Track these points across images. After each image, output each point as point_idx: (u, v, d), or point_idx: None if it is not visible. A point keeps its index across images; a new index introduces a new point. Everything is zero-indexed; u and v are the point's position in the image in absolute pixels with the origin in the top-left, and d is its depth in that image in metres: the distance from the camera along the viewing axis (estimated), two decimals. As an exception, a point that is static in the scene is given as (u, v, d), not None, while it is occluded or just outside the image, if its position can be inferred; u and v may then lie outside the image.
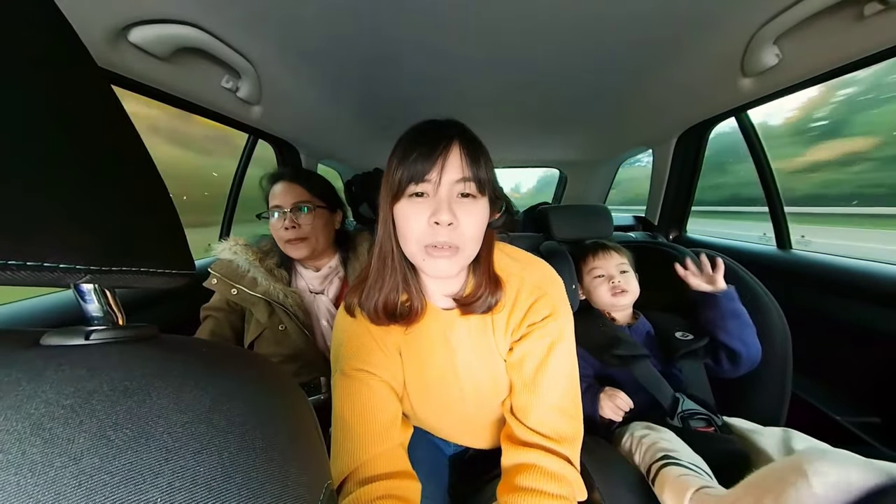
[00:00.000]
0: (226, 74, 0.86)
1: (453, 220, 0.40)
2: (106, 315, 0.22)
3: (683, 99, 1.11)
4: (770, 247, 1.13)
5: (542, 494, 0.42)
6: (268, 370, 0.24)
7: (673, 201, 1.44)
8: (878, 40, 0.61)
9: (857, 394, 0.85)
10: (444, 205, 0.40)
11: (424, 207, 0.41)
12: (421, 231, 0.41)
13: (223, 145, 1.58)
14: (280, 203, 0.78)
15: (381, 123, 1.42)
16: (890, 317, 0.77)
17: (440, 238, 0.41)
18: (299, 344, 0.81)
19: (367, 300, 0.49)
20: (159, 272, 0.22)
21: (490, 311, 0.49)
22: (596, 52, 0.89)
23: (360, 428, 0.47)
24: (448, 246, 0.42)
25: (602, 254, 0.87)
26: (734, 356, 0.72)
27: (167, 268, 0.22)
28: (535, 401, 0.47)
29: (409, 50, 0.89)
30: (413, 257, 0.45)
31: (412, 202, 0.42)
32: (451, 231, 0.41)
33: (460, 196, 0.42)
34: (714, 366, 0.76)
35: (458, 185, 0.41)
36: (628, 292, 0.81)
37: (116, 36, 0.61)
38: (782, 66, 0.76)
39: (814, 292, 0.92)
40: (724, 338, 0.72)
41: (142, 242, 0.21)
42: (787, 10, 0.64)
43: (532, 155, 2.17)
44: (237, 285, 0.79)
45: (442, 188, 0.41)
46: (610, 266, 0.85)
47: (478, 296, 0.48)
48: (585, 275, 0.88)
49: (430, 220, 0.40)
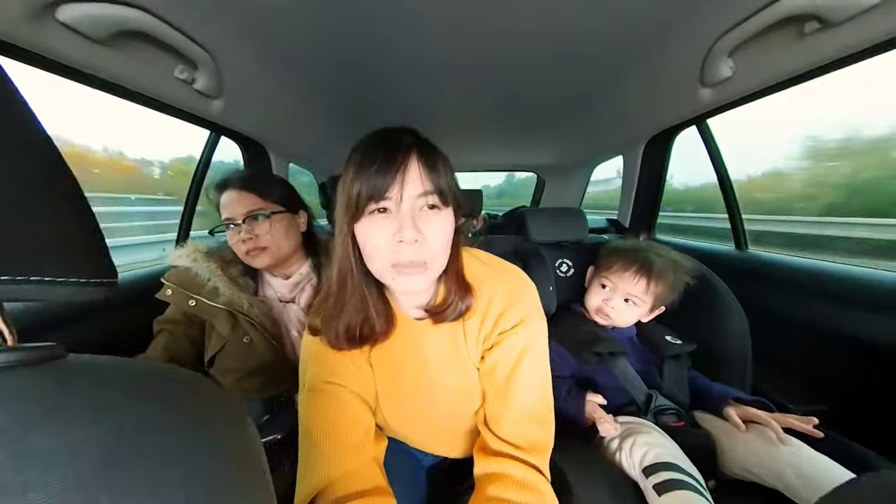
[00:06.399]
0: (179, 64, 0.78)
1: (419, 236, 0.39)
2: None
3: (649, 107, 1.16)
4: (729, 247, 1.21)
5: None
6: (203, 391, 0.21)
7: (642, 205, 1.51)
8: (818, 56, 0.66)
9: (806, 383, 0.92)
10: (407, 221, 0.38)
11: (387, 224, 0.39)
12: (386, 249, 0.40)
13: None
14: (231, 215, 0.71)
15: (354, 123, 1.37)
16: (834, 313, 0.84)
17: (406, 257, 0.39)
18: (266, 356, 0.75)
19: (328, 329, 0.46)
20: (67, 282, 0.18)
21: (461, 317, 0.48)
22: (567, 60, 0.92)
23: (329, 444, 0.45)
24: (415, 264, 0.40)
25: (625, 274, 0.77)
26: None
27: (78, 276, 0.18)
28: (506, 409, 0.47)
29: (384, 51, 0.86)
30: (381, 276, 0.43)
31: (374, 220, 0.40)
32: (418, 247, 0.40)
33: (425, 208, 0.40)
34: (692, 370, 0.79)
35: (420, 199, 0.40)
36: (612, 320, 0.80)
37: (40, 13, 0.53)
38: (736, 78, 0.82)
39: (768, 289, 0.99)
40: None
41: (40, 247, 0.17)
42: (739, 26, 0.69)
43: (509, 159, 2.20)
44: (195, 296, 0.72)
45: (404, 204, 0.39)
46: (621, 286, 0.78)
47: (448, 303, 0.46)
48: (599, 273, 0.84)
49: (394, 238, 0.39)
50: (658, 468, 0.53)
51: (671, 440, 0.60)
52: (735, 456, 0.61)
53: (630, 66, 0.95)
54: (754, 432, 0.60)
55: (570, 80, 1.06)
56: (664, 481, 0.51)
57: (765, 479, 0.56)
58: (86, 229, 0.20)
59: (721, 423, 0.66)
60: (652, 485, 0.52)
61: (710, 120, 1.12)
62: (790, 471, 0.53)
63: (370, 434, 0.49)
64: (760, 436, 0.59)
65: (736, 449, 0.61)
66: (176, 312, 0.74)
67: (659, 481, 0.52)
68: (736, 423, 0.62)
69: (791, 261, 0.99)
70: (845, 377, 0.84)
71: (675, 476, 0.51)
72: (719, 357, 0.81)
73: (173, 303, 0.73)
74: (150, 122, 0.97)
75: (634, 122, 1.32)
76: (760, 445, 0.58)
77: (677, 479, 0.51)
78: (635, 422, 0.66)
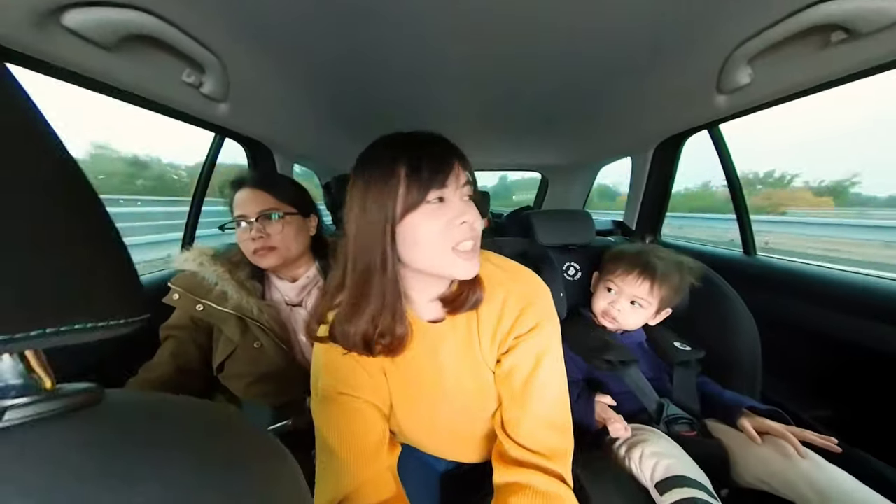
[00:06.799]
0: (187, 68, 0.77)
1: (476, 219, 0.43)
2: (27, 381, 0.17)
3: (662, 111, 1.15)
4: (737, 252, 1.21)
5: None
6: (244, 432, 0.20)
7: (649, 207, 1.50)
8: (842, 66, 0.65)
9: (815, 391, 0.92)
10: (465, 206, 0.42)
11: (445, 211, 0.42)
12: (445, 234, 0.42)
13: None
14: (244, 212, 0.71)
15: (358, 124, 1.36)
16: (840, 320, 0.84)
17: (466, 235, 0.42)
18: (277, 361, 0.75)
19: (342, 331, 0.45)
20: (101, 326, 0.17)
21: (475, 307, 0.48)
22: (579, 62, 0.90)
23: (345, 454, 0.45)
24: (471, 248, 0.43)
25: (628, 276, 0.78)
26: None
27: (111, 318, 0.18)
28: (524, 414, 0.47)
29: (387, 52, 0.85)
30: (434, 264, 0.43)
31: (433, 208, 0.41)
32: (473, 228, 0.43)
33: (467, 198, 0.44)
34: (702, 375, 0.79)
35: (465, 188, 0.43)
36: (619, 323, 0.80)
37: (46, 19, 0.52)
38: (754, 86, 0.81)
39: (775, 295, 0.99)
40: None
41: (73, 292, 0.17)
42: (760, 34, 0.68)
43: (514, 159, 2.18)
44: (203, 300, 0.71)
45: (457, 192, 0.42)
46: (626, 288, 0.78)
47: (462, 292, 0.48)
48: (603, 277, 0.84)
49: (455, 222, 0.41)
50: (671, 484, 0.53)
51: (679, 448, 0.60)
52: (748, 466, 0.61)
53: (647, 69, 0.93)
54: (769, 444, 0.60)
55: (582, 82, 1.04)
56: (680, 500, 0.51)
57: (778, 491, 0.56)
58: (117, 264, 0.19)
59: (734, 433, 0.66)
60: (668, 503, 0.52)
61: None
62: (805, 484, 0.53)
63: (385, 442, 0.49)
64: (776, 448, 0.59)
65: (749, 460, 0.61)
66: (183, 317, 0.73)
67: (675, 500, 0.51)
68: (752, 436, 0.62)
69: (799, 267, 0.98)
70: (855, 385, 0.84)
71: (690, 494, 0.51)
72: (729, 363, 0.81)
73: (180, 308, 0.72)
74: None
75: (647, 125, 1.30)
76: (775, 457, 0.58)
77: (693, 499, 0.50)
78: (642, 429, 0.65)
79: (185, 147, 4.10)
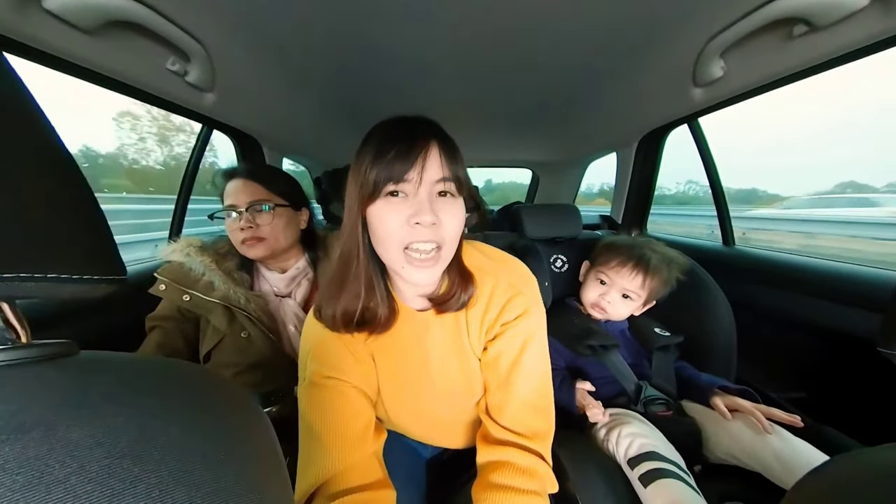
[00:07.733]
0: (171, 56, 0.76)
1: (436, 219, 0.39)
2: (3, 331, 0.18)
3: (643, 105, 1.18)
4: (717, 243, 1.25)
5: (514, 490, 0.43)
6: (214, 384, 0.21)
7: (635, 201, 1.54)
8: (806, 58, 0.68)
9: (786, 372, 0.96)
10: (425, 205, 0.39)
11: (403, 207, 0.40)
12: (400, 232, 0.40)
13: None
14: (234, 202, 0.71)
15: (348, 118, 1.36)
16: (813, 305, 0.87)
17: (421, 237, 0.40)
18: (265, 351, 0.75)
19: (325, 309, 0.47)
20: (76, 279, 0.18)
21: (464, 307, 0.48)
22: (561, 58, 0.92)
23: (331, 438, 0.45)
24: (429, 251, 0.41)
25: (622, 269, 0.79)
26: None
27: (86, 273, 0.19)
28: (508, 399, 0.48)
29: (378, 46, 0.86)
30: (392, 263, 0.43)
31: (389, 202, 0.40)
32: (434, 230, 0.40)
33: (439, 195, 0.41)
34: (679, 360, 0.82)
35: (437, 185, 0.40)
36: (608, 314, 0.82)
37: (26, 1, 0.52)
38: (727, 78, 0.84)
39: (752, 284, 1.03)
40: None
41: (50, 244, 0.18)
42: (730, 28, 0.71)
43: (504, 155, 2.21)
44: (190, 291, 0.71)
45: (422, 188, 0.39)
46: (619, 281, 0.79)
47: (452, 293, 0.47)
48: (595, 268, 0.85)
49: (411, 221, 0.39)
50: (641, 459, 0.55)
51: (654, 428, 0.62)
52: (720, 442, 0.64)
53: (624, 66, 0.96)
54: (739, 421, 0.63)
55: (564, 79, 1.07)
56: (648, 471, 0.53)
57: (747, 463, 0.59)
58: (94, 226, 0.20)
59: (708, 411, 0.69)
60: (637, 476, 0.54)
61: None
62: (771, 455, 0.56)
63: (371, 428, 0.49)
64: (745, 424, 0.62)
65: (721, 436, 0.64)
66: (169, 308, 0.73)
67: (643, 472, 0.54)
68: (722, 412, 0.65)
69: (775, 256, 1.02)
70: (822, 366, 0.88)
71: (658, 465, 0.53)
72: (706, 348, 0.84)
73: (166, 298, 0.72)
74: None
75: (628, 121, 1.33)
76: (745, 432, 0.61)
77: (660, 469, 0.53)
78: (620, 412, 0.68)
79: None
